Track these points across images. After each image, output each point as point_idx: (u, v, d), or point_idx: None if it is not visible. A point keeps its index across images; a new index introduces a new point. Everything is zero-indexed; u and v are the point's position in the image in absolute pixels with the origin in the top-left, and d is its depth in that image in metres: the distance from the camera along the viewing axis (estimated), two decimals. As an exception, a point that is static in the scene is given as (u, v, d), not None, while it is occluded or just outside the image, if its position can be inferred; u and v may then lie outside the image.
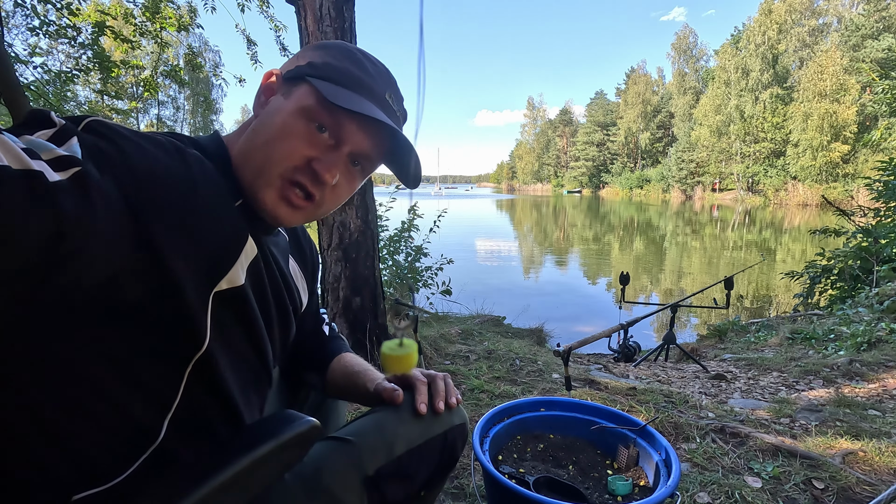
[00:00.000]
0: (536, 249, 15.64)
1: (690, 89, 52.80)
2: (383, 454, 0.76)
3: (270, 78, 0.69)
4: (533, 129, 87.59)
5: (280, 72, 0.69)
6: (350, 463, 0.74)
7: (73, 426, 0.53)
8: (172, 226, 0.54)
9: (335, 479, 0.72)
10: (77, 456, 0.54)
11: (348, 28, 2.19)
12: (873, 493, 1.41)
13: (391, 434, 0.78)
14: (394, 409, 0.81)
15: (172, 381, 0.59)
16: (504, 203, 49.71)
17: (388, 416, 0.80)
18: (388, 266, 4.60)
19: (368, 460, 0.74)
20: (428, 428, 0.81)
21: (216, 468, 0.62)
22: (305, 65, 0.67)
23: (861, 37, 37.36)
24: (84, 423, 0.54)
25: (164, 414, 0.59)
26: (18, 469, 0.52)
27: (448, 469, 0.85)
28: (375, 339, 2.29)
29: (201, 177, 0.59)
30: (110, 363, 0.53)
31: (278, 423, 0.68)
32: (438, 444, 0.81)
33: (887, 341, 3.36)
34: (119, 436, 0.56)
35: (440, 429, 0.82)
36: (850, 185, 31.78)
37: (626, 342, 3.76)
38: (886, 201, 5.59)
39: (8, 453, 0.51)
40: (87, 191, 0.46)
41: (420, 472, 0.79)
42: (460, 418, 0.85)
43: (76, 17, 4.32)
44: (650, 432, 1.19)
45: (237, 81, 5.68)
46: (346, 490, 0.72)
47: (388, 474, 0.75)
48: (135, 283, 0.52)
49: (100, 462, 0.55)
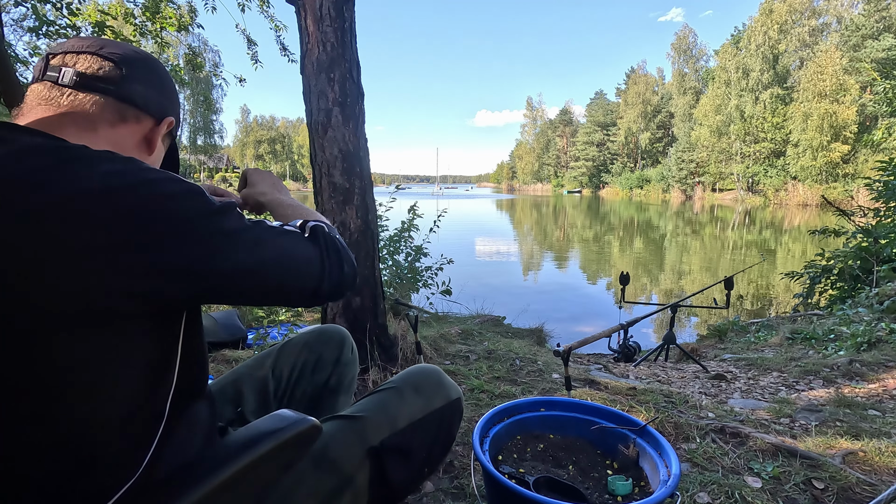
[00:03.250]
0: (536, 249, 15.64)
1: (690, 89, 52.77)
2: (387, 427, 0.82)
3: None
4: (533, 129, 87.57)
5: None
6: (355, 435, 0.80)
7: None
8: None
9: (341, 451, 0.77)
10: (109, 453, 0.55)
11: (348, 28, 2.19)
12: (873, 493, 1.41)
13: (394, 409, 0.85)
14: (395, 388, 0.89)
15: (171, 359, 0.60)
16: (504, 203, 49.70)
17: (391, 394, 0.88)
18: (388, 266, 4.60)
19: (373, 432, 0.81)
20: (427, 403, 0.89)
21: (217, 468, 0.62)
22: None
23: (861, 37, 37.35)
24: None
25: (167, 392, 0.60)
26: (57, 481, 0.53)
27: (446, 448, 0.93)
28: (375, 339, 2.29)
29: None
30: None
31: (278, 423, 0.68)
32: (437, 417, 0.89)
33: (887, 341, 3.36)
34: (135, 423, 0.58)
35: (438, 404, 0.90)
36: (850, 185, 31.77)
37: (626, 342, 3.76)
38: (886, 201, 5.58)
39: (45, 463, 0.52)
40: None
41: (420, 448, 0.86)
42: (456, 393, 0.94)
43: (76, 16, 4.32)
44: (650, 432, 1.19)
45: (237, 81, 5.68)
46: (350, 460, 0.77)
47: (391, 447, 0.81)
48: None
49: (125, 458, 0.57)
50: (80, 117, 0.61)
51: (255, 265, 0.60)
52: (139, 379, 0.56)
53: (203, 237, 0.56)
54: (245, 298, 0.63)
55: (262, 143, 76.56)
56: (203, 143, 43.41)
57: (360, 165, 2.24)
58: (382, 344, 2.32)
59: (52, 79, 0.61)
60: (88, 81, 0.61)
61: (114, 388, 0.54)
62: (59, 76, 0.60)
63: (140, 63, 0.66)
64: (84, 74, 0.61)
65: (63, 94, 0.60)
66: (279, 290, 0.64)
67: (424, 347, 2.56)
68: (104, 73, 0.62)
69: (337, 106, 2.17)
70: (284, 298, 0.67)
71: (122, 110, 0.64)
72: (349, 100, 2.18)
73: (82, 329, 0.50)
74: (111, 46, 0.64)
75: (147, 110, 0.66)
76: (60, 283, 0.48)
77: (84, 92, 0.61)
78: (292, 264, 0.64)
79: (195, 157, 43.22)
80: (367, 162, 2.29)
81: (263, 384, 0.99)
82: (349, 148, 2.20)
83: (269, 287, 0.63)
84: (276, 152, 78.25)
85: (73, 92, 0.61)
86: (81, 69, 0.61)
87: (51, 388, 0.50)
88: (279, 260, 0.63)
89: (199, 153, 43.62)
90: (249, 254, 0.59)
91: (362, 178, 2.25)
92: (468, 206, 40.30)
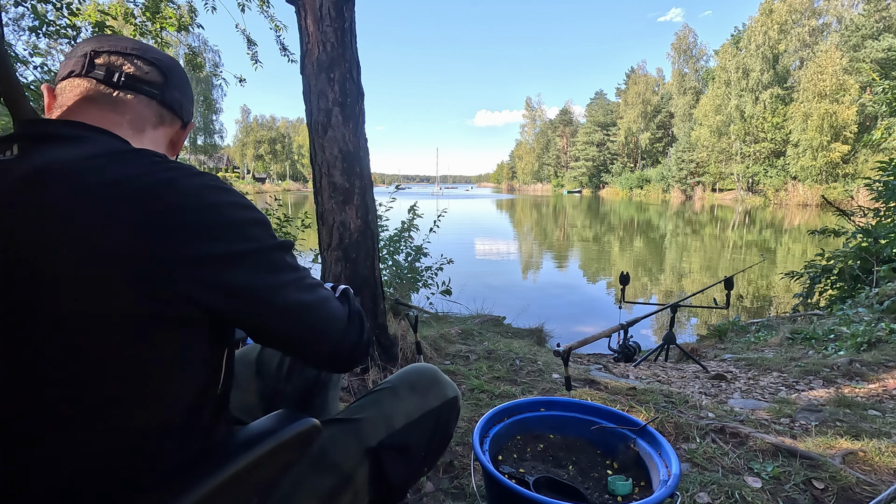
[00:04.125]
0: (536, 249, 15.64)
1: (690, 89, 52.74)
2: (384, 427, 0.83)
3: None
4: (532, 129, 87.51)
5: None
6: (353, 437, 0.80)
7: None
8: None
9: (339, 453, 0.78)
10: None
11: (348, 28, 2.19)
12: (873, 493, 1.41)
13: (390, 409, 0.86)
14: (391, 388, 0.89)
15: (219, 365, 0.63)
16: (504, 203, 49.69)
17: (387, 394, 0.88)
18: (388, 266, 4.60)
19: (370, 433, 0.81)
20: (424, 402, 0.89)
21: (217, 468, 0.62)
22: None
23: (861, 37, 37.33)
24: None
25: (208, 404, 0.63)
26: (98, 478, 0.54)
27: (443, 445, 0.93)
28: (375, 339, 2.29)
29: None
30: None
31: (278, 423, 0.68)
32: (434, 416, 0.89)
33: (887, 341, 3.36)
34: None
35: (435, 402, 0.90)
36: (850, 185, 31.73)
37: (626, 342, 3.75)
38: (886, 201, 5.58)
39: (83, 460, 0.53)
40: None
41: (418, 446, 0.86)
42: (453, 391, 0.95)
43: (76, 16, 4.31)
44: (650, 432, 1.19)
45: (237, 81, 5.67)
46: (349, 461, 0.78)
47: (389, 446, 0.82)
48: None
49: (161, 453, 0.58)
50: (134, 118, 0.63)
51: (298, 307, 0.62)
52: (196, 386, 0.59)
53: (268, 266, 0.59)
54: (272, 336, 0.63)
55: (262, 143, 76.48)
56: (203, 143, 43.41)
57: (360, 165, 2.24)
58: (382, 344, 2.32)
59: (98, 77, 0.62)
60: (137, 84, 0.64)
61: (176, 394, 0.57)
62: (106, 75, 0.62)
63: (177, 70, 0.70)
64: (134, 77, 0.64)
65: (114, 93, 0.62)
66: (307, 337, 0.65)
67: (424, 347, 2.56)
68: (151, 78, 0.65)
69: (337, 106, 2.17)
70: (306, 349, 0.66)
71: (163, 114, 0.68)
72: (349, 100, 2.18)
73: (153, 333, 0.52)
74: (153, 52, 0.68)
75: (180, 115, 0.70)
76: (145, 286, 0.50)
77: (133, 93, 0.63)
78: (327, 316, 0.65)
79: (195, 157, 43.22)
80: (367, 162, 2.29)
81: (249, 381, 0.99)
82: (349, 148, 2.20)
83: (300, 330, 0.63)
84: (276, 152, 78.20)
85: (124, 93, 0.63)
86: (130, 71, 0.64)
87: (118, 392, 0.52)
88: (318, 308, 0.64)
89: (199, 153, 43.61)
90: (297, 293, 0.62)
91: (362, 178, 2.25)
92: (468, 206, 40.30)
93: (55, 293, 0.49)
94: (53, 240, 0.49)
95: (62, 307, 0.49)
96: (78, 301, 0.49)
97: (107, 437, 0.53)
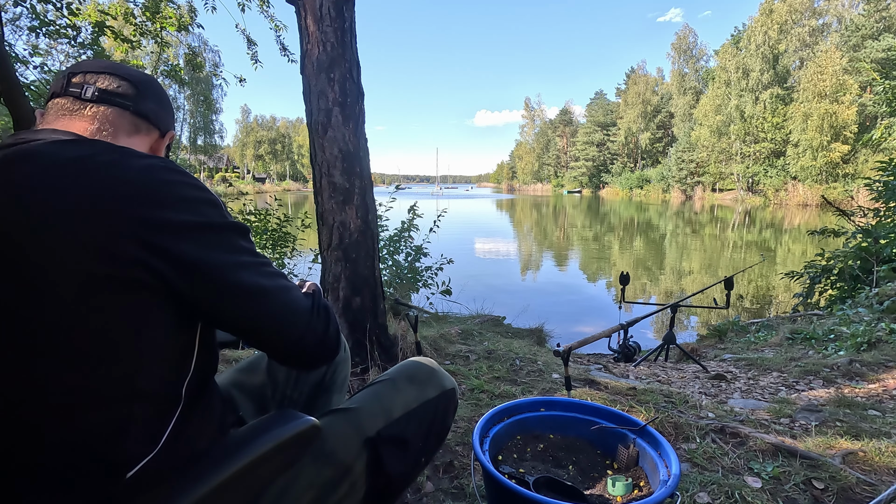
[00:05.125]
0: (536, 249, 15.64)
1: (690, 89, 52.73)
2: (382, 417, 0.84)
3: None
4: (532, 129, 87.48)
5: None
6: (351, 427, 0.81)
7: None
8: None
9: (338, 443, 0.79)
10: (125, 430, 0.58)
11: (348, 28, 2.19)
12: (873, 493, 1.41)
13: (388, 399, 0.87)
14: (390, 379, 0.91)
15: (191, 347, 0.64)
16: (504, 203, 49.70)
17: (385, 385, 0.90)
18: (388, 266, 4.60)
19: (369, 423, 0.82)
20: (422, 392, 0.91)
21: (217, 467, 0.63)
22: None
23: (861, 37, 37.32)
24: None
25: (185, 377, 0.64)
26: (72, 451, 0.56)
27: (441, 437, 0.94)
28: (375, 339, 2.29)
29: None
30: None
31: (278, 423, 0.68)
32: (432, 406, 0.91)
33: (887, 341, 3.36)
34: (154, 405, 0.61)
35: (433, 393, 0.92)
36: (850, 185, 31.72)
37: (626, 342, 3.75)
38: (886, 201, 5.58)
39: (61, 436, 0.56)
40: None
41: (416, 437, 0.87)
42: (451, 383, 0.96)
43: (76, 16, 4.32)
44: (650, 432, 1.19)
45: (237, 81, 5.68)
46: (347, 451, 0.79)
47: (387, 437, 0.83)
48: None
49: (141, 434, 0.59)
50: (107, 127, 0.69)
51: (254, 290, 0.62)
52: (163, 358, 0.60)
53: (220, 245, 0.61)
54: (231, 320, 0.63)
55: (262, 143, 76.44)
56: (203, 143, 43.40)
57: (360, 165, 2.25)
58: (382, 344, 2.32)
59: (74, 93, 0.68)
60: (109, 97, 0.69)
61: (141, 358, 0.58)
62: (81, 91, 0.68)
63: (151, 83, 0.76)
64: (105, 90, 0.69)
65: (86, 106, 0.68)
66: (266, 324, 0.65)
67: (424, 347, 2.57)
68: (123, 91, 0.70)
69: (337, 106, 2.17)
70: (268, 337, 0.66)
71: (137, 123, 0.72)
72: (349, 100, 2.18)
73: (112, 294, 0.55)
74: (126, 69, 0.74)
75: (156, 124, 0.75)
76: (100, 248, 0.54)
77: (106, 105, 0.69)
78: (288, 303, 0.66)
79: (195, 156, 43.21)
80: (367, 162, 2.29)
81: (261, 388, 1.00)
82: (349, 148, 2.20)
83: (257, 316, 0.63)
84: (276, 152, 78.16)
85: (97, 106, 0.69)
86: (102, 86, 0.69)
87: (88, 348, 0.55)
88: (277, 294, 0.65)
89: (199, 153, 43.62)
90: (254, 276, 0.62)
91: (362, 177, 2.25)
92: (468, 206, 40.31)
93: (24, 256, 0.53)
94: (22, 207, 0.54)
95: (30, 268, 0.53)
96: (43, 263, 0.53)
97: (76, 397, 0.55)
